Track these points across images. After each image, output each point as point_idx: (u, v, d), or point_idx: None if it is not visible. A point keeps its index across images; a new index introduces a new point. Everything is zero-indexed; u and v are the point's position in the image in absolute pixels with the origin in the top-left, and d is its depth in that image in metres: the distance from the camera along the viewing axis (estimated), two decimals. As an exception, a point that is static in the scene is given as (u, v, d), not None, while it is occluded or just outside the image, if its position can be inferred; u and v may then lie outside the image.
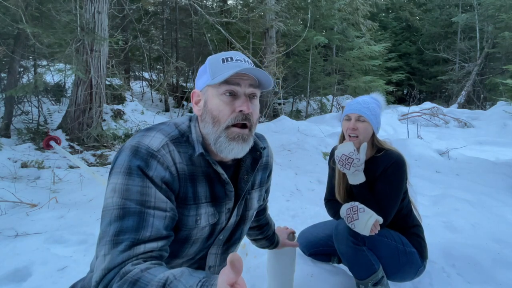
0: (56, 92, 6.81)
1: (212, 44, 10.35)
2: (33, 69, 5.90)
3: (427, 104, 10.91)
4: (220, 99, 0.89)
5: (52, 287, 1.71)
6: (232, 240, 1.05)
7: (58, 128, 5.28)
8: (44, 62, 6.11)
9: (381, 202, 1.53)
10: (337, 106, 11.27)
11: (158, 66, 12.33)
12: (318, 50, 11.57)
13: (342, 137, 1.68)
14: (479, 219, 2.59)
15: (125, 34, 8.80)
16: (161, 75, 10.82)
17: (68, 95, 6.66)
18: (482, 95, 13.41)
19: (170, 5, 11.33)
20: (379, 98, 1.68)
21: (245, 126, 0.91)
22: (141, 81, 11.92)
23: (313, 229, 1.91)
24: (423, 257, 1.60)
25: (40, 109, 5.82)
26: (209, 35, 10.27)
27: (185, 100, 9.80)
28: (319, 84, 11.44)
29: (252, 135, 0.95)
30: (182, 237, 0.91)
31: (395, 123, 8.09)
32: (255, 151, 1.03)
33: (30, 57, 5.70)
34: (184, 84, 11.50)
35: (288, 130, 6.52)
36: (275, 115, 10.01)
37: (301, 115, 11.12)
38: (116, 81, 7.04)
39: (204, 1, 10.59)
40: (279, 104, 11.47)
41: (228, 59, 0.92)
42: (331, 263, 1.91)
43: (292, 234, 1.57)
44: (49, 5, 4.81)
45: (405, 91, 19.13)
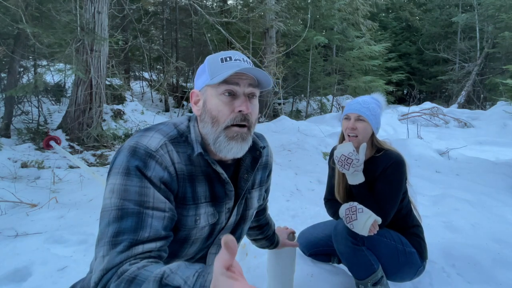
0: (56, 92, 6.81)
1: (212, 44, 10.35)
2: (33, 69, 5.90)
3: (427, 104, 10.91)
4: (219, 99, 0.89)
5: (52, 287, 1.71)
6: None
7: (58, 128, 5.28)
8: (44, 62, 6.10)
9: (381, 202, 1.53)
10: (337, 106, 11.27)
11: (158, 66, 12.33)
12: (318, 50, 11.56)
13: (342, 137, 1.68)
14: (479, 219, 2.59)
15: (125, 34, 8.79)
16: (161, 75, 10.82)
17: (68, 95, 6.66)
18: (482, 95, 13.41)
19: (170, 5, 11.33)
20: (380, 99, 1.68)
21: (244, 126, 0.91)
22: (141, 81, 11.92)
23: (313, 229, 1.91)
24: (423, 257, 1.60)
25: (40, 109, 5.82)
26: (209, 35, 10.27)
27: (185, 100, 9.80)
28: (319, 84, 11.44)
29: (251, 135, 0.95)
30: (182, 237, 0.91)
31: (395, 123, 8.09)
32: (255, 151, 1.03)
33: (30, 57, 5.70)
34: (184, 84, 11.50)
35: (288, 130, 6.52)
36: (275, 115, 10.00)
37: (301, 115, 11.12)
38: (116, 81, 7.04)
39: (204, 1, 10.59)
40: (279, 104, 11.46)
41: (227, 59, 0.92)
42: (331, 263, 1.91)
43: (292, 234, 1.57)
44: (49, 5, 4.80)
45: (405, 91, 19.13)
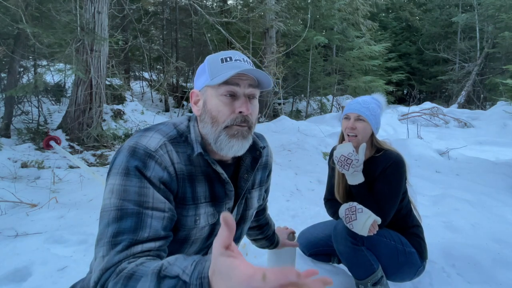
0: (56, 92, 6.80)
1: (212, 44, 10.34)
2: (33, 69, 5.89)
3: (427, 104, 10.91)
4: (220, 100, 0.89)
5: (52, 287, 1.71)
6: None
7: (58, 128, 5.28)
8: (44, 62, 6.10)
9: (380, 202, 1.53)
10: (337, 106, 11.27)
11: (158, 66, 12.32)
12: (318, 50, 11.56)
13: (342, 137, 1.68)
14: (479, 219, 2.60)
15: (125, 34, 8.79)
16: (161, 75, 10.82)
17: (68, 95, 6.66)
18: (482, 95, 13.41)
19: (170, 5, 11.32)
20: (380, 99, 1.68)
21: (244, 125, 0.91)
22: (141, 81, 11.92)
23: (313, 229, 1.91)
24: (423, 258, 1.60)
25: (40, 109, 5.81)
26: (209, 35, 10.27)
27: (185, 100, 9.80)
28: (319, 84, 11.43)
29: (252, 133, 0.95)
30: (182, 237, 0.91)
31: (395, 123, 8.09)
32: (255, 151, 1.03)
33: (30, 57, 5.70)
34: (184, 84, 11.49)
35: (288, 130, 6.52)
36: (275, 115, 10.00)
37: (301, 115, 11.11)
38: (116, 81, 7.04)
39: (204, 1, 10.59)
40: (279, 104, 11.46)
41: (227, 59, 0.91)
42: (331, 263, 1.91)
43: (292, 234, 1.57)
44: (49, 5, 4.80)
45: (405, 91, 19.13)
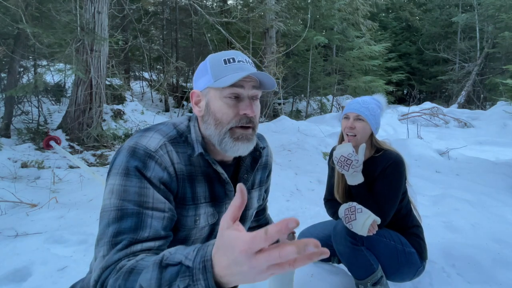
0: (56, 92, 6.80)
1: (212, 44, 10.34)
2: (33, 69, 5.89)
3: (427, 104, 10.91)
4: (224, 102, 0.89)
5: (52, 287, 1.71)
6: None
7: (58, 128, 5.28)
8: (44, 62, 6.10)
9: (380, 202, 1.53)
10: (337, 106, 11.27)
11: (158, 66, 12.32)
12: (318, 50, 11.56)
13: (342, 137, 1.68)
14: (479, 219, 2.60)
15: (125, 34, 8.79)
16: (161, 75, 10.82)
17: (68, 95, 6.66)
18: (482, 95, 13.41)
19: (170, 5, 11.32)
20: (380, 99, 1.68)
21: (249, 127, 0.91)
22: (141, 81, 11.91)
23: (313, 229, 1.91)
24: (423, 258, 1.60)
25: (40, 109, 5.81)
26: (209, 35, 10.27)
27: (185, 100, 9.80)
28: (319, 84, 11.44)
29: (255, 134, 0.95)
30: (181, 237, 0.91)
31: (395, 123, 8.09)
32: (255, 151, 1.03)
33: (30, 57, 5.70)
34: (184, 84, 11.49)
35: (288, 130, 6.52)
36: (275, 115, 10.00)
37: (301, 115, 11.11)
38: (116, 81, 7.04)
39: (204, 1, 10.59)
40: (279, 104, 11.46)
41: (230, 60, 0.91)
42: (331, 263, 1.91)
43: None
44: (49, 5, 4.80)
45: (405, 91, 19.14)
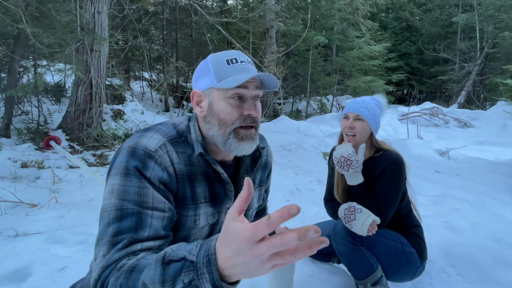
0: (56, 92, 6.80)
1: (212, 44, 10.34)
2: (33, 69, 5.89)
3: (427, 104, 10.91)
4: (228, 102, 0.89)
5: (52, 287, 1.71)
6: None
7: (58, 128, 5.28)
8: (44, 62, 6.10)
9: (380, 202, 1.53)
10: (337, 106, 11.27)
11: (158, 66, 12.32)
12: (318, 50, 11.56)
13: (341, 137, 1.68)
14: (479, 219, 2.59)
15: (125, 34, 8.79)
16: (161, 75, 10.82)
17: (68, 95, 6.66)
18: (482, 95, 13.41)
19: (170, 5, 11.32)
20: (381, 99, 1.68)
21: (252, 127, 0.91)
22: (141, 81, 11.91)
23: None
24: (422, 258, 1.60)
25: (40, 109, 5.81)
26: (209, 35, 10.27)
27: (185, 100, 9.80)
28: (319, 84, 11.43)
29: (258, 133, 0.96)
30: (181, 237, 0.91)
31: (395, 123, 8.09)
32: (255, 151, 1.03)
33: (30, 57, 5.70)
34: (184, 84, 11.49)
35: (288, 130, 6.52)
36: (275, 115, 10.00)
37: (301, 115, 11.11)
38: (116, 81, 7.04)
39: (204, 1, 10.59)
40: (279, 104, 11.46)
41: (233, 61, 0.91)
42: (331, 263, 1.91)
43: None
44: (49, 5, 4.80)
45: (405, 91, 19.14)
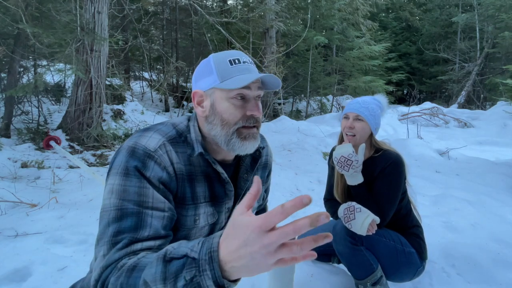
0: (56, 92, 6.81)
1: (212, 44, 10.35)
2: (33, 69, 5.89)
3: (427, 104, 10.92)
4: (231, 103, 0.89)
5: (52, 287, 1.71)
6: None
7: (58, 128, 5.28)
8: (44, 62, 6.10)
9: (379, 202, 1.53)
10: (337, 106, 11.27)
11: (158, 66, 12.32)
12: (318, 50, 11.56)
13: (341, 137, 1.68)
14: (479, 219, 2.60)
15: (125, 34, 8.79)
16: (161, 75, 10.82)
17: (68, 95, 6.66)
18: (482, 95, 13.41)
19: (170, 5, 11.32)
20: (381, 99, 1.68)
21: (254, 126, 0.92)
22: (141, 81, 11.91)
23: (313, 229, 1.91)
24: (422, 258, 1.60)
25: (40, 109, 5.81)
26: (209, 35, 10.26)
27: (185, 100, 9.80)
28: (319, 84, 11.43)
29: (259, 132, 0.96)
30: (181, 237, 0.91)
31: (395, 123, 8.09)
32: (255, 151, 1.03)
33: (30, 57, 5.70)
34: (184, 84, 11.49)
35: (288, 130, 6.52)
36: (275, 115, 10.00)
37: (301, 115, 11.11)
38: (116, 81, 7.04)
39: (204, 1, 10.59)
40: (279, 104, 11.47)
41: (236, 61, 0.91)
42: (331, 263, 1.91)
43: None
44: (49, 5, 4.80)
45: (405, 91, 19.15)
